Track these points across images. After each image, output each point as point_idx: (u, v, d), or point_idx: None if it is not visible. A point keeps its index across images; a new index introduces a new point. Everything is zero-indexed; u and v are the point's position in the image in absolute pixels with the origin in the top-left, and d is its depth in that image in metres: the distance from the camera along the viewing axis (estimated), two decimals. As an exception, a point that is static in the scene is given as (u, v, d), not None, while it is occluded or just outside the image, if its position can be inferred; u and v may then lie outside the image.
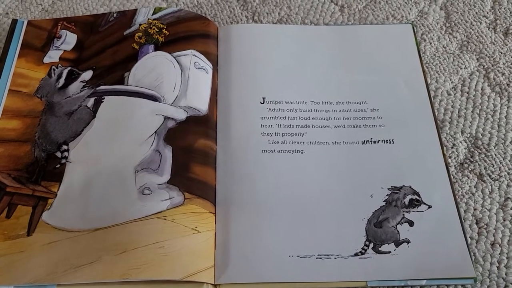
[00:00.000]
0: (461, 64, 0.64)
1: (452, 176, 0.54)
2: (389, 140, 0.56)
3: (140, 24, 0.62)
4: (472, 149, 0.57)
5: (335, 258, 0.49)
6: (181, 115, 0.55)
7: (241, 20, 0.67)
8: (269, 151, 0.55)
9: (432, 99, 0.60)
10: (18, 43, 0.62)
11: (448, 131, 0.58)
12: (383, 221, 0.51)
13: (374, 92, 0.60)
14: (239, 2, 0.69)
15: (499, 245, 0.51)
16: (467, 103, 0.60)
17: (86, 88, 0.58)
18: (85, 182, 0.52)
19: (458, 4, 0.69)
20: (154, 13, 0.64)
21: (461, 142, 0.57)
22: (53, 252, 0.48)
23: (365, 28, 0.66)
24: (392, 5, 0.69)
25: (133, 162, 0.52)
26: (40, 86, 0.59)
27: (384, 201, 0.52)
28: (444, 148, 0.56)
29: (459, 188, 0.54)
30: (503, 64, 0.63)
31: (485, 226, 0.52)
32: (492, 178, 0.55)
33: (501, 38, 0.66)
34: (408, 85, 0.60)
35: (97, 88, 0.58)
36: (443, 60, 0.64)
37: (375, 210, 0.51)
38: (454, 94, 0.61)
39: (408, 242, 0.50)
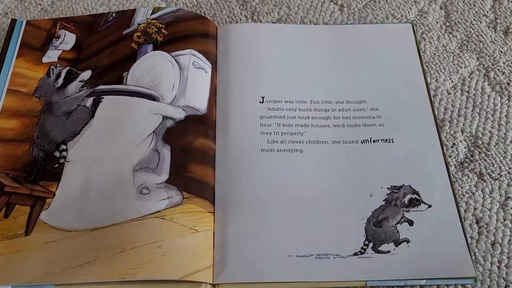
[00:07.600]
0: (461, 63, 0.63)
1: (452, 176, 0.54)
2: (389, 139, 0.56)
3: (139, 24, 0.62)
4: (472, 148, 0.57)
5: (334, 257, 0.48)
6: (180, 115, 0.55)
7: (240, 19, 0.67)
8: (268, 150, 0.55)
9: (432, 98, 0.60)
10: (17, 43, 0.62)
11: (448, 130, 0.58)
12: (383, 220, 0.50)
13: (373, 91, 0.60)
14: (238, 2, 0.69)
15: (500, 245, 0.50)
16: (467, 102, 0.60)
17: (85, 87, 0.58)
18: (84, 181, 0.52)
19: (458, 3, 0.69)
20: (153, 12, 0.64)
21: (461, 141, 0.57)
22: (51, 252, 0.48)
23: (364, 27, 0.66)
24: (392, 4, 0.69)
25: (131, 162, 0.52)
26: (39, 86, 0.59)
27: (383, 201, 0.52)
28: (444, 147, 0.56)
29: (459, 188, 0.54)
30: (503, 63, 0.63)
31: (486, 226, 0.51)
32: (492, 177, 0.55)
33: (501, 37, 0.66)
34: (408, 84, 0.60)
35: (96, 88, 0.58)
36: (443, 59, 0.64)
37: (375, 210, 0.51)
38: (454, 93, 0.61)
39: (408, 241, 0.49)
